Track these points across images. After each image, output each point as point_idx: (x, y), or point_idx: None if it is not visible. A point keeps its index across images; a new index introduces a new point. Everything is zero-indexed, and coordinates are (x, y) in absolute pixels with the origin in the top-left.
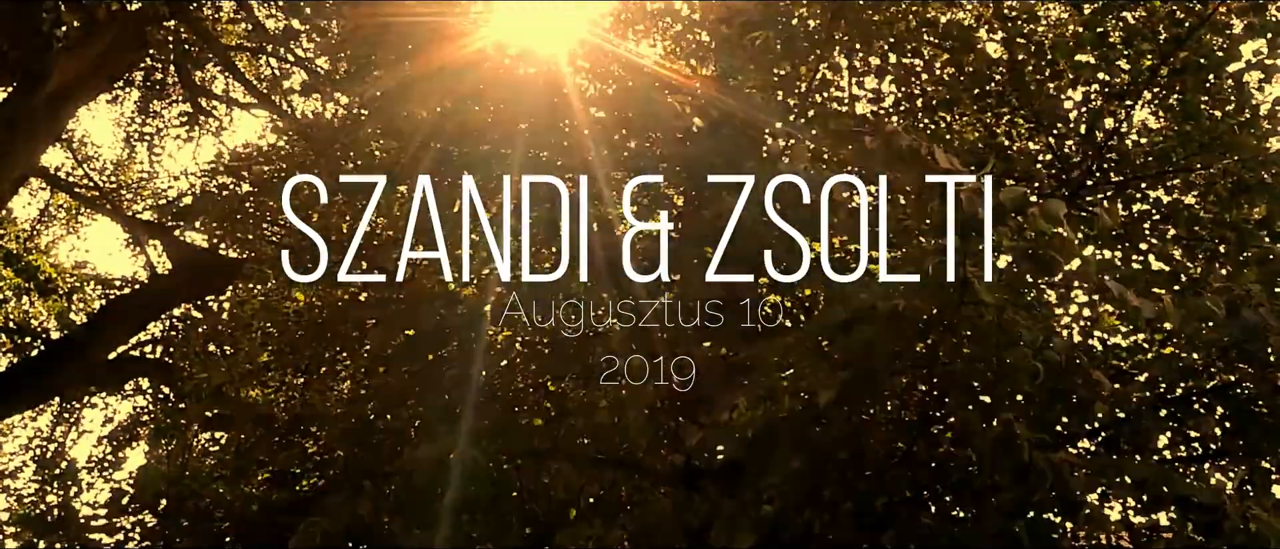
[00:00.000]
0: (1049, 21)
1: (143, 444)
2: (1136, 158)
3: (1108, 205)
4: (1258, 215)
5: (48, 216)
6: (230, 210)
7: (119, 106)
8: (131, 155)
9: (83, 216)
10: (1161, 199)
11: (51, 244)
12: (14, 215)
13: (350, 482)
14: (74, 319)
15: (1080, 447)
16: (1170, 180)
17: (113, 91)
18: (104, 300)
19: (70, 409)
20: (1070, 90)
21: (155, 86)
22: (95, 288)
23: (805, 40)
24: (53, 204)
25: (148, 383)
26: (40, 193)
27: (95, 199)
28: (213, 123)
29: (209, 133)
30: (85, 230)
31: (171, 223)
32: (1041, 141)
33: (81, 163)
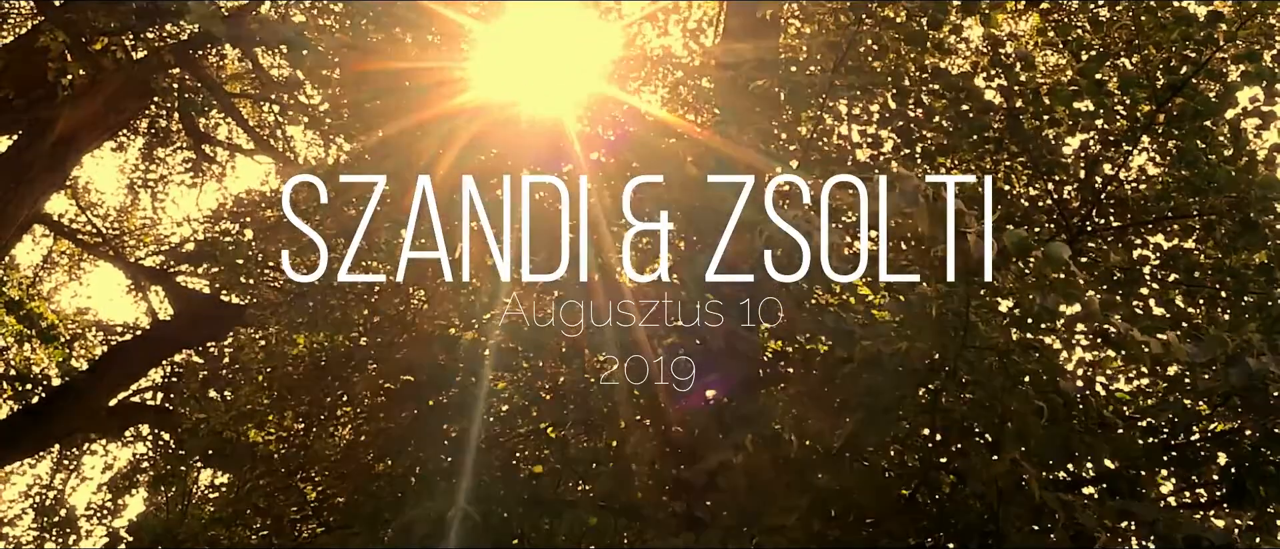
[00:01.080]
0: (1046, 68)
1: (142, 491)
2: (1135, 203)
3: (1108, 250)
4: (1258, 261)
5: (50, 263)
6: (233, 257)
7: (123, 153)
8: (135, 202)
9: (85, 263)
10: (1161, 244)
11: (54, 290)
12: (17, 262)
13: (349, 528)
14: (75, 366)
15: (1083, 492)
16: (1169, 226)
17: (117, 139)
18: (105, 347)
19: (70, 456)
20: (1068, 136)
21: (159, 133)
22: (96, 334)
23: (807, 87)
24: (56, 250)
25: (148, 429)
26: (43, 239)
27: (98, 245)
28: (216, 169)
29: (212, 179)
30: (87, 276)
31: (174, 269)
32: (1040, 187)
33: (85, 209)
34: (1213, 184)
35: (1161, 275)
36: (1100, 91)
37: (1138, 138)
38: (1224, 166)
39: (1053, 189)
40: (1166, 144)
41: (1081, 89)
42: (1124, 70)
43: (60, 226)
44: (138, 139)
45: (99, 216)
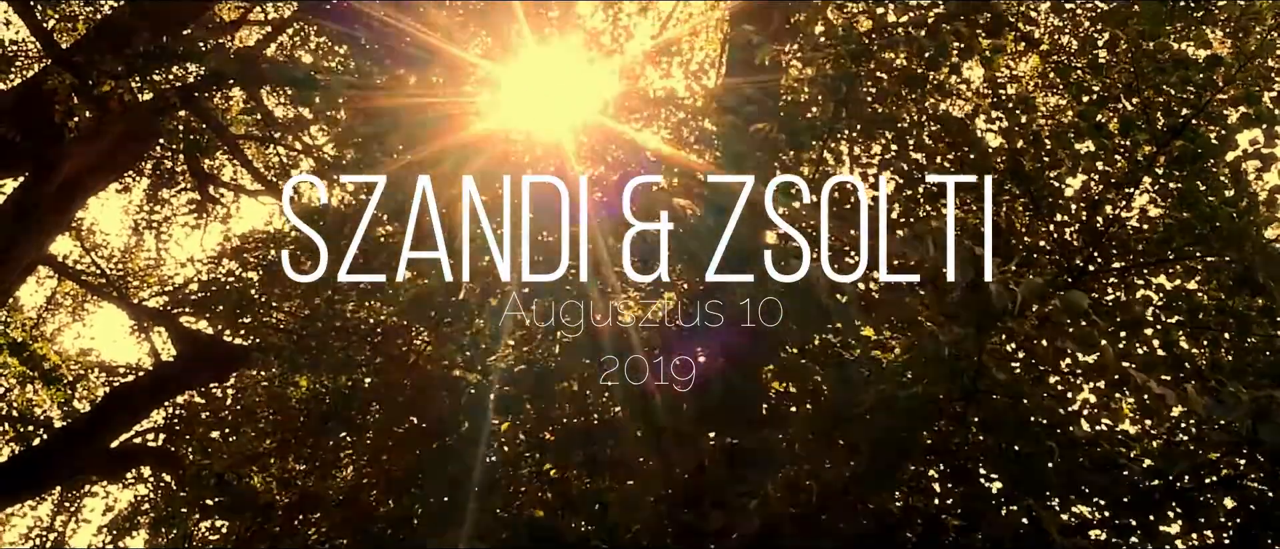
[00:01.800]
0: (1047, 109)
1: (143, 533)
2: (1137, 245)
3: (1113, 293)
4: (1260, 303)
5: (54, 304)
6: (237, 298)
7: (128, 194)
8: (139, 243)
9: (89, 304)
10: (1164, 285)
11: (57, 331)
12: (21, 303)
13: None
14: (77, 407)
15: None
16: (1172, 267)
17: (122, 180)
18: (107, 388)
19: (71, 497)
20: (1069, 177)
21: (164, 174)
22: (99, 375)
23: (808, 130)
24: (60, 291)
25: (149, 471)
26: (47, 281)
27: (102, 286)
28: (220, 210)
29: (216, 220)
30: (91, 317)
31: (176, 310)
32: (1042, 229)
33: (89, 250)
34: (1214, 226)
35: (1165, 318)
36: (1100, 133)
37: (1138, 179)
38: (1225, 208)
39: (1054, 230)
40: (1167, 185)
41: (1082, 131)
42: (1124, 112)
43: (64, 268)
44: (142, 180)
45: (103, 258)
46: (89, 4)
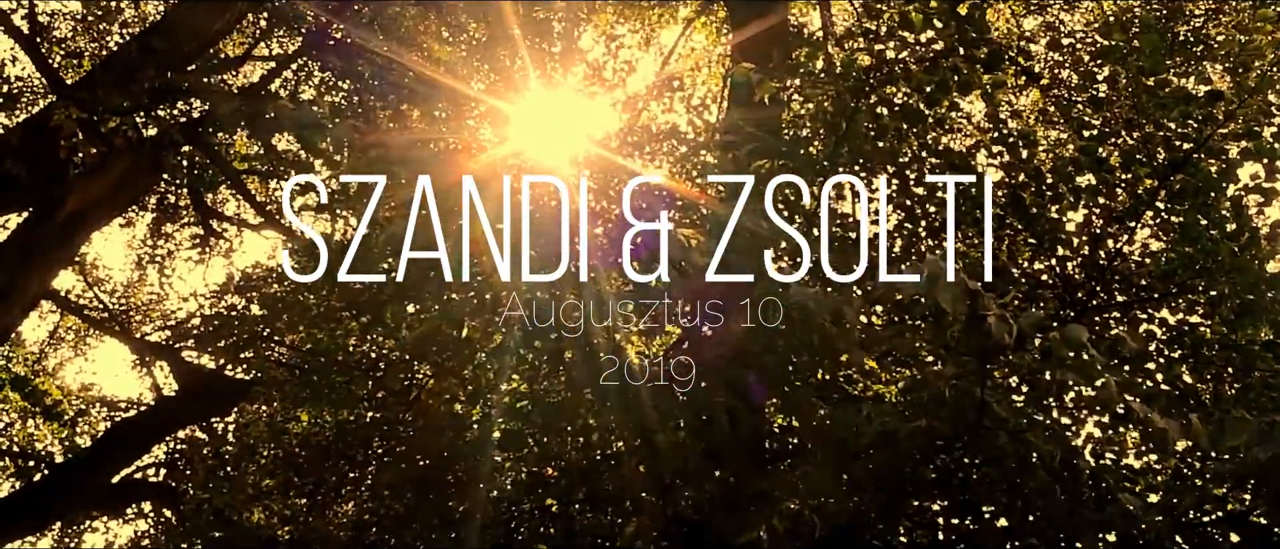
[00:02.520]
0: (1048, 142)
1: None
2: (1140, 278)
3: (1115, 326)
4: (1264, 337)
5: (57, 338)
6: (239, 332)
7: (131, 229)
8: (142, 277)
9: (91, 338)
10: (1167, 319)
11: (59, 366)
12: (23, 337)
13: None
14: (79, 442)
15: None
16: (1175, 301)
17: (126, 215)
18: (109, 422)
19: (71, 533)
20: (1071, 211)
21: (167, 209)
22: (100, 410)
23: (809, 166)
24: (62, 326)
25: (149, 507)
26: (50, 315)
27: (104, 321)
28: (223, 244)
29: (219, 254)
30: (93, 352)
31: (179, 344)
32: (1044, 263)
33: (92, 285)
34: (1216, 260)
35: (1168, 351)
36: (1102, 168)
37: (1140, 213)
38: (1227, 242)
39: (1056, 265)
40: (1169, 219)
41: (1083, 165)
42: (1124, 145)
43: (67, 302)
44: (146, 215)
45: (106, 292)
46: (95, 41)
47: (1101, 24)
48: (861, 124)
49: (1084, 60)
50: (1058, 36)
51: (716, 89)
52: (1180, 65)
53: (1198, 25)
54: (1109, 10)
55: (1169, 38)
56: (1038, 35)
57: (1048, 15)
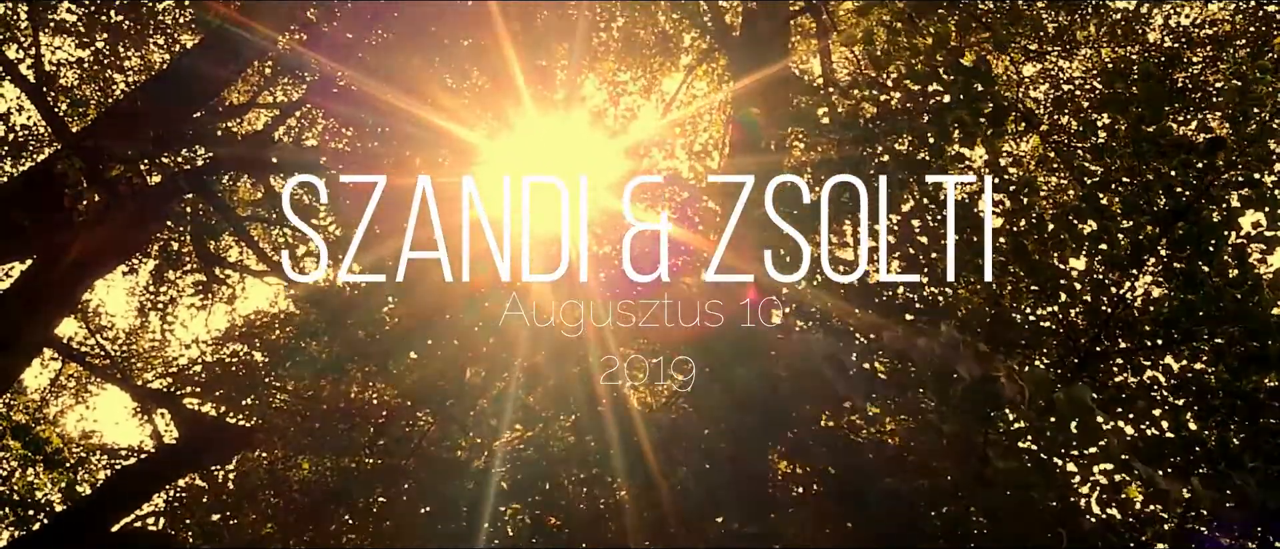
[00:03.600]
0: (1049, 187)
1: None
2: (1143, 325)
3: (1119, 374)
4: (1269, 384)
5: (58, 386)
6: (241, 379)
7: (134, 276)
8: (144, 324)
9: (92, 385)
10: (1171, 366)
11: (60, 413)
12: (25, 385)
13: None
14: (79, 491)
15: None
16: (1179, 348)
17: (129, 262)
18: (109, 470)
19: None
20: (1073, 257)
21: (170, 256)
22: (101, 458)
23: (811, 215)
24: (64, 373)
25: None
26: (51, 363)
27: (106, 368)
28: (226, 291)
29: (221, 301)
30: (94, 399)
31: (180, 391)
32: (1046, 309)
33: (94, 332)
34: (1219, 308)
35: (1172, 398)
36: (1103, 215)
37: (1142, 261)
38: (1230, 289)
39: (1059, 311)
40: (1172, 266)
41: (1084, 211)
42: (1125, 190)
43: (69, 349)
44: (149, 262)
45: (108, 339)
46: (100, 89)
47: (1100, 71)
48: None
49: (1084, 107)
50: (1057, 84)
51: (718, 136)
52: (1179, 112)
53: (1196, 72)
54: (1107, 57)
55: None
56: (1037, 82)
57: (1047, 63)
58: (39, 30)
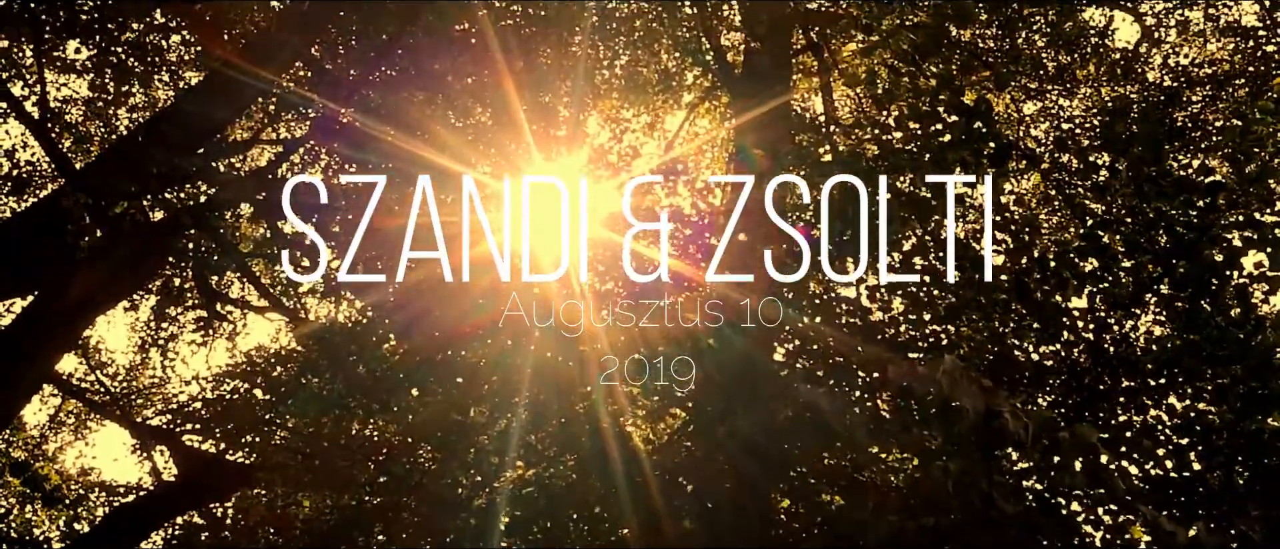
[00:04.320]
0: (1050, 226)
1: None
2: (1146, 364)
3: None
4: (1274, 425)
5: (58, 422)
6: (242, 416)
7: (135, 313)
8: (144, 360)
9: (92, 422)
10: (1175, 406)
11: (59, 450)
12: (24, 422)
13: None
14: (78, 528)
15: None
16: (1183, 388)
17: (130, 298)
18: (108, 507)
19: None
20: (1075, 296)
21: (172, 292)
22: (100, 495)
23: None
24: (64, 410)
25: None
26: (51, 399)
27: (105, 405)
28: (227, 327)
29: (222, 337)
30: (94, 435)
31: (180, 428)
32: (1049, 348)
33: (94, 368)
34: (1222, 348)
35: (1176, 438)
36: (1105, 254)
37: (1144, 300)
38: (1233, 330)
39: (1062, 350)
40: (1174, 305)
41: (1085, 250)
42: (1127, 229)
43: (69, 386)
44: (150, 298)
45: (108, 375)
46: (104, 126)
47: (1101, 109)
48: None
49: (1084, 145)
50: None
51: (721, 172)
52: (1179, 151)
53: (1196, 111)
54: (1107, 96)
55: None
56: (1037, 120)
57: (1047, 100)
58: (44, 67)
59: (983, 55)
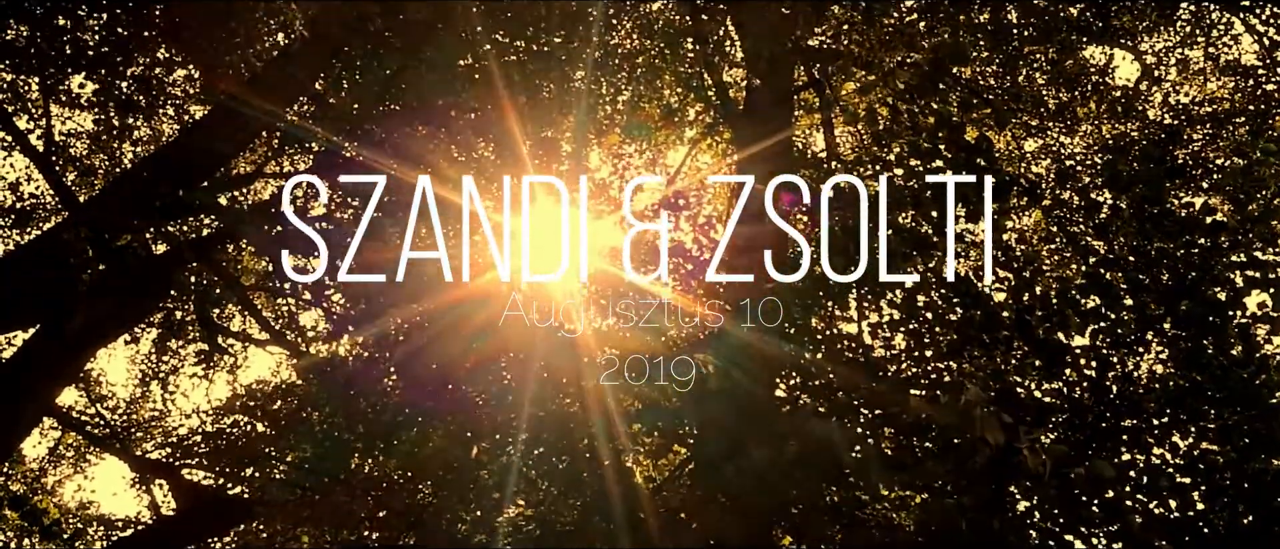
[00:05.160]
0: (1052, 263)
1: None
2: (1149, 403)
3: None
4: (1277, 465)
5: (57, 455)
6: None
7: (136, 346)
8: (145, 393)
9: (91, 455)
10: (1179, 445)
11: (58, 484)
12: (24, 454)
13: None
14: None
15: None
16: (1186, 428)
17: (131, 331)
18: (106, 542)
19: None
20: (1078, 333)
21: (173, 325)
22: (98, 529)
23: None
24: (63, 443)
25: None
26: (51, 432)
27: (105, 438)
28: (228, 360)
29: (223, 370)
30: (93, 469)
31: (179, 462)
32: (1052, 386)
33: (94, 401)
34: (1225, 388)
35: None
36: (1107, 294)
37: (1146, 338)
38: (1236, 370)
39: (1064, 388)
40: (1177, 344)
41: (1087, 288)
42: (1129, 267)
43: (69, 419)
44: (151, 331)
45: (108, 408)
46: (108, 159)
47: (1102, 147)
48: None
49: (1085, 182)
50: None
51: (722, 208)
52: (1180, 188)
53: (1197, 149)
54: (1108, 133)
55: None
56: (1038, 157)
57: (1048, 138)
58: (50, 101)
59: (983, 92)
